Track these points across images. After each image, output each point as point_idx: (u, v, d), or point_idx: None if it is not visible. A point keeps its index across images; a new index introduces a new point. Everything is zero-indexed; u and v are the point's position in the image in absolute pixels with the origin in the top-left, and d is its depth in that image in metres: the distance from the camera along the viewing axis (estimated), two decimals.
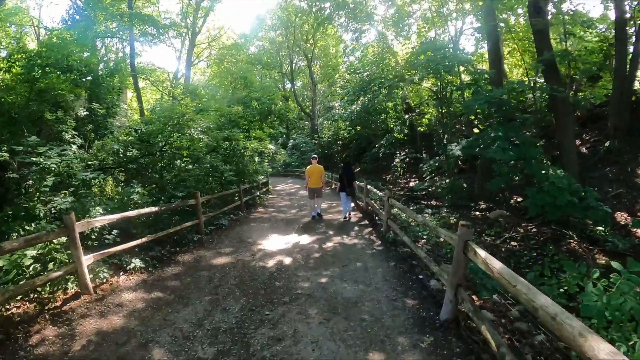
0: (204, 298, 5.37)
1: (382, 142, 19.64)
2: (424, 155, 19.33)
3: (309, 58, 34.03)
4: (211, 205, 11.38)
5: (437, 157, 13.35)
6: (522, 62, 16.03)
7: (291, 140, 34.90)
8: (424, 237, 7.77)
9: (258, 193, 15.65)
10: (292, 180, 28.20)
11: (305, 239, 8.58)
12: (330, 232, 9.12)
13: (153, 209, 7.42)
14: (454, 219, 9.43)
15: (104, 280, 5.74)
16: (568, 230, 7.72)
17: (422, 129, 21.45)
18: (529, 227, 8.27)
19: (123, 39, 27.16)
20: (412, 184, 16.75)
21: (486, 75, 10.62)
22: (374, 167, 21.52)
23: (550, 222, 8.10)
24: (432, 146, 19.48)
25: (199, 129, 10.80)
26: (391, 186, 17.07)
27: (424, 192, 13.31)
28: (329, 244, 7.99)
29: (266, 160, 23.17)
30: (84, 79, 11.07)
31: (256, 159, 19.89)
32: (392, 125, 22.12)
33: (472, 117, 16.48)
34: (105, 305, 4.97)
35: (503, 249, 7.13)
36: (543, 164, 7.28)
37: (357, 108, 19.33)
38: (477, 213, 9.96)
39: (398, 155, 19.61)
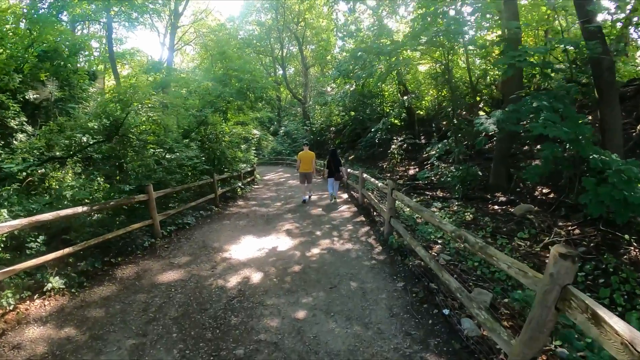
0: (125, 342, 3.60)
1: (378, 126, 17.70)
2: (423, 141, 17.47)
3: (300, 41, 31.68)
4: (181, 200, 9.37)
5: (445, 141, 11.39)
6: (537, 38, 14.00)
7: (282, 128, 32.78)
8: (438, 240, 5.86)
9: (240, 184, 13.64)
10: (283, 169, 26.09)
11: (285, 243, 6.65)
12: (318, 233, 7.18)
13: (79, 209, 5.44)
14: (470, 214, 7.53)
15: (10, 308, 4.16)
16: (621, 231, 5.82)
17: (421, 112, 19.64)
18: (569, 228, 6.39)
19: (100, 22, 24.78)
20: (411, 172, 14.83)
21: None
22: (369, 154, 19.61)
23: (595, 222, 6.22)
24: (431, 132, 17.77)
25: (150, 105, 8.71)
26: (388, 174, 15.19)
27: (426, 182, 11.41)
28: (315, 251, 6.06)
29: (253, 148, 21.14)
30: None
31: (242, 146, 17.93)
32: (388, 110, 20.28)
33: (478, 98, 14.55)
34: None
35: (546, 260, 5.25)
36: (594, 146, 5.34)
37: (351, 89, 17.33)
38: (496, 207, 8.06)
39: (395, 141, 17.78)
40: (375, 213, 8.22)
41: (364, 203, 9.81)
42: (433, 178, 11.30)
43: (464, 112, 14.92)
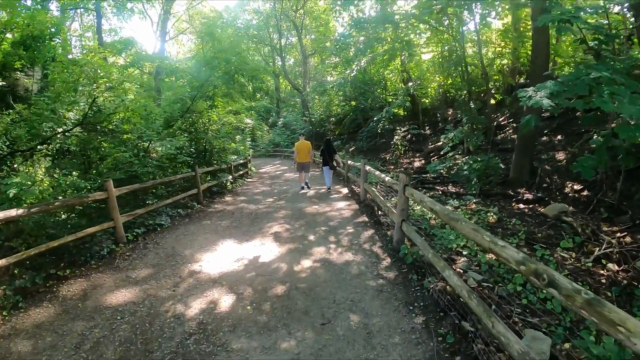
0: None
1: (380, 115, 16.43)
2: (428, 131, 16.20)
3: (299, 29, 30.08)
4: (159, 196, 8.10)
5: (460, 128, 10.04)
6: None
7: (281, 119, 31.35)
8: (462, 250, 4.58)
9: (230, 177, 12.34)
10: (280, 161, 24.75)
11: (270, 251, 5.38)
12: (311, 238, 5.90)
13: (12, 212, 4.21)
14: (493, 215, 6.25)
15: None
16: None
17: (426, 100, 18.37)
18: (618, 234, 5.13)
19: (93, 12, 23.20)
20: (417, 164, 13.55)
21: None
22: (370, 145, 18.34)
23: None
24: (436, 122, 16.63)
25: (109, 84, 7.40)
26: (392, 167, 13.93)
27: (435, 175, 10.15)
28: (306, 263, 4.79)
29: (248, 139, 19.81)
30: None
31: (237, 137, 16.62)
32: (390, 100, 19.05)
33: (490, 85, 13.22)
34: None
35: (604, 279, 3.97)
36: None
37: (352, 75, 16.04)
38: (522, 206, 6.79)
39: (398, 131, 16.59)
40: (380, 212, 6.94)
41: (366, 199, 8.55)
42: (443, 171, 10.00)
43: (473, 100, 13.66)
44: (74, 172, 7.02)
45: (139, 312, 3.78)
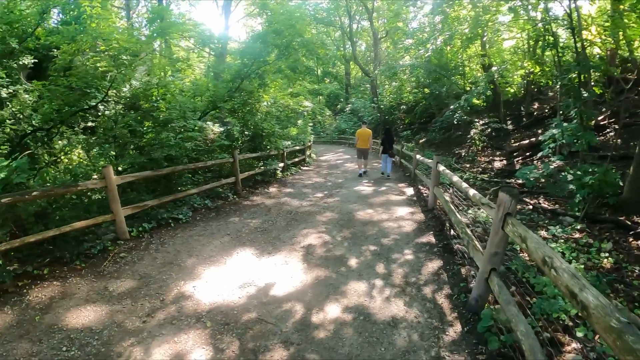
0: None
1: (457, 104, 14.39)
2: (510, 126, 14.04)
3: (370, 11, 27.90)
4: (182, 184, 7.29)
5: (566, 125, 7.67)
6: None
7: (349, 105, 29.78)
8: (577, 331, 2.80)
9: (280, 165, 11.27)
10: (344, 149, 23.21)
11: (291, 277, 4.07)
12: (352, 263, 4.43)
13: None
14: (607, 255, 4.17)
15: None
16: None
17: (511, 90, 16.02)
18: None
19: None
20: (497, 164, 11.30)
21: None
22: (443, 138, 16.20)
23: None
24: (520, 116, 14.51)
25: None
26: (467, 165, 11.84)
27: (521, 181, 8.03)
28: (332, 310, 3.36)
29: (310, 124, 18.70)
30: None
31: (299, 122, 15.60)
32: (469, 87, 16.88)
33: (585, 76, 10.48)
34: None
35: None
36: None
37: (426, 55, 14.27)
38: None
39: (476, 124, 14.57)
40: (453, 231, 5.23)
41: (436, 207, 6.83)
42: (535, 178, 7.76)
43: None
44: (111, 152, 6.42)
45: (89, 346, 2.91)
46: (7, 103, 4.82)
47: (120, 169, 6.43)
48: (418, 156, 9.47)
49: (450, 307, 3.31)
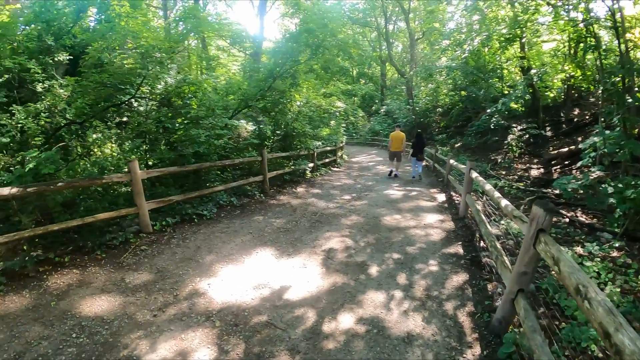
0: None
1: (494, 107, 13.79)
2: (548, 133, 13.25)
3: (407, 12, 27.29)
4: (209, 180, 7.36)
5: (608, 133, 7.04)
6: None
7: (384, 106, 29.33)
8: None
9: (310, 165, 11.22)
10: (377, 151, 22.78)
11: (308, 281, 3.96)
12: (372, 271, 4.23)
13: (4, 191, 3.74)
14: None
15: None
16: None
17: (550, 95, 15.24)
18: None
19: None
20: (534, 172, 10.66)
21: None
22: (479, 143, 15.53)
23: None
24: (559, 122, 13.70)
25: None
26: (503, 172, 11.28)
27: (558, 191, 7.51)
28: (345, 320, 3.21)
29: (342, 125, 18.55)
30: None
31: (332, 122, 15.52)
32: (507, 91, 16.19)
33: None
34: None
35: None
36: None
37: (463, 55, 13.84)
38: None
39: (514, 129, 13.95)
40: (483, 243, 4.91)
41: (467, 216, 6.49)
42: (574, 189, 7.19)
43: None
44: (143, 146, 6.59)
45: (98, 335, 2.97)
46: (42, 97, 5.03)
47: (150, 163, 6.59)
48: (451, 161, 9.09)
49: (472, 326, 3.07)
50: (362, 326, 3.05)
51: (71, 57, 5.93)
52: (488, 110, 14.77)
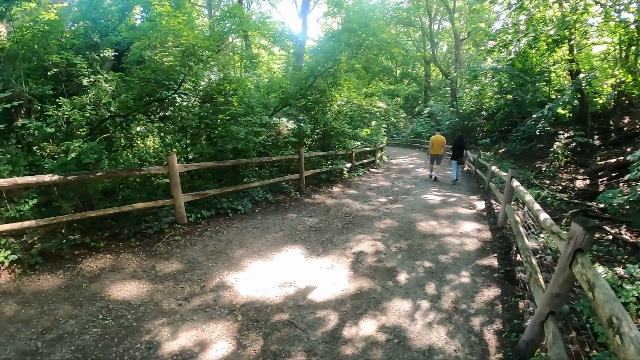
0: None
1: (541, 113, 12.97)
2: (596, 142, 12.32)
3: (452, 12, 26.29)
4: (246, 175, 7.50)
5: None
6: None
7: (427, 108, 28.54)
8: None
9: (348, 165, 11.13)
10: (418, 153, 22.16)
11: (334, 283, 3.91)
12: (401, 278, 4.11)
13: (46, 177, 4.07)
14: None
15: None
16: None
17: (600, 101, 14.16)
18: None
19: None
20: (579, 183, 9.89)
21: None
22: (524, 149, 14.68)
23: None
24: (608, 131, 12.67)
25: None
26: (547, 181, 10.60)
27: (603, 205, 6.91)
28: (366, 327, 3.13)
29: (383, 126, 18.25)
30: None
31: (372, 122, 15.35)
32: (554, 96, 15.20)
33: None
34: None
35: None
36: None
37: (510, 57, 13.20)
38: None
39: (560, 137, 12.99)
40: (519, 257, 4.59)
41: (505, 226, 6.12)
42: (620, 204, 6.56)
43: None
44: (184, 140, 6.84)
45: (123, 319, 3.11)
46: (88, 91, 5.33)
47: (190, 157, 6.81)
48: (493, 167, 8.63)
49: (497, 345, 2.87)
50: (383, 334, 2.95)
51: (116, 54, 6.24)
52: (534, 116, 13.98)
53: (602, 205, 6.90)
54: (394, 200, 8.33)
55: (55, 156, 4.90)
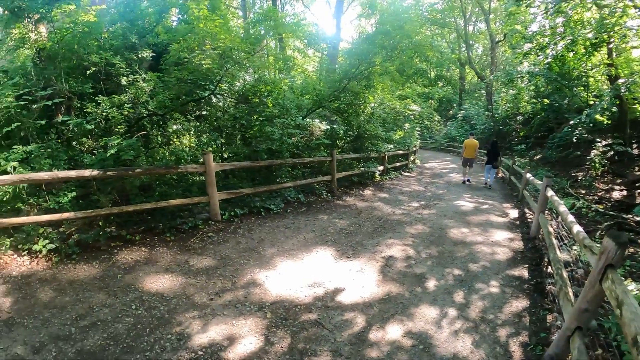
0: None
1: (578, 119, 12.30)
2: (635, 151, 11.72)
3: (487, 13, 25.42)
4: (279, 175, 7.63)
5: None
6: None
7: (462, 111, 27.89)
8: None
9: (380, 168, 11.06)
10: (452, 158, 21.60)
11: (362, 287, 3.93)
12: (430, 284, 4.05)
13: (86, 172, 4.32)
14: None
15: None
16: None
17: (639, 107, 13.18)
18: None
19: None
20: (616, 194, 9.33)
21: None
22: (560, 157, 13.97)
23: None
24: None
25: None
26: (583, 191, 10.10)
27: (639, 220, 6.50)
28: (393, 332, 3.13)
29: (417, 129, 18.00)
30: None
31: (406, 125, 15.19)
32: (592, 101, 14.39)
33: None
34: None
35: None
36: None
37: (547, 61, 12.73)
38: None
39: (598, 145, 12.48)
40: (550, 269, 4.39)
41: (538, 236, 5.87)
42: None
43: None
44: (219, 140, 7.05)
45: (155, 310, 3.27)
46: (126, 90, 5.60)
47: (225, 156, 7.01)
48: (528, 175, 8.28)
49: (522, 358, 2.80)
50: (409, 340, 2.94)
51: (154, 54, 6.50)
52: (571, 122, 13.32)
53: (638, 219, 6.56)
54: (426, 205, 8.20)
55: (94, 151, 5.17)
